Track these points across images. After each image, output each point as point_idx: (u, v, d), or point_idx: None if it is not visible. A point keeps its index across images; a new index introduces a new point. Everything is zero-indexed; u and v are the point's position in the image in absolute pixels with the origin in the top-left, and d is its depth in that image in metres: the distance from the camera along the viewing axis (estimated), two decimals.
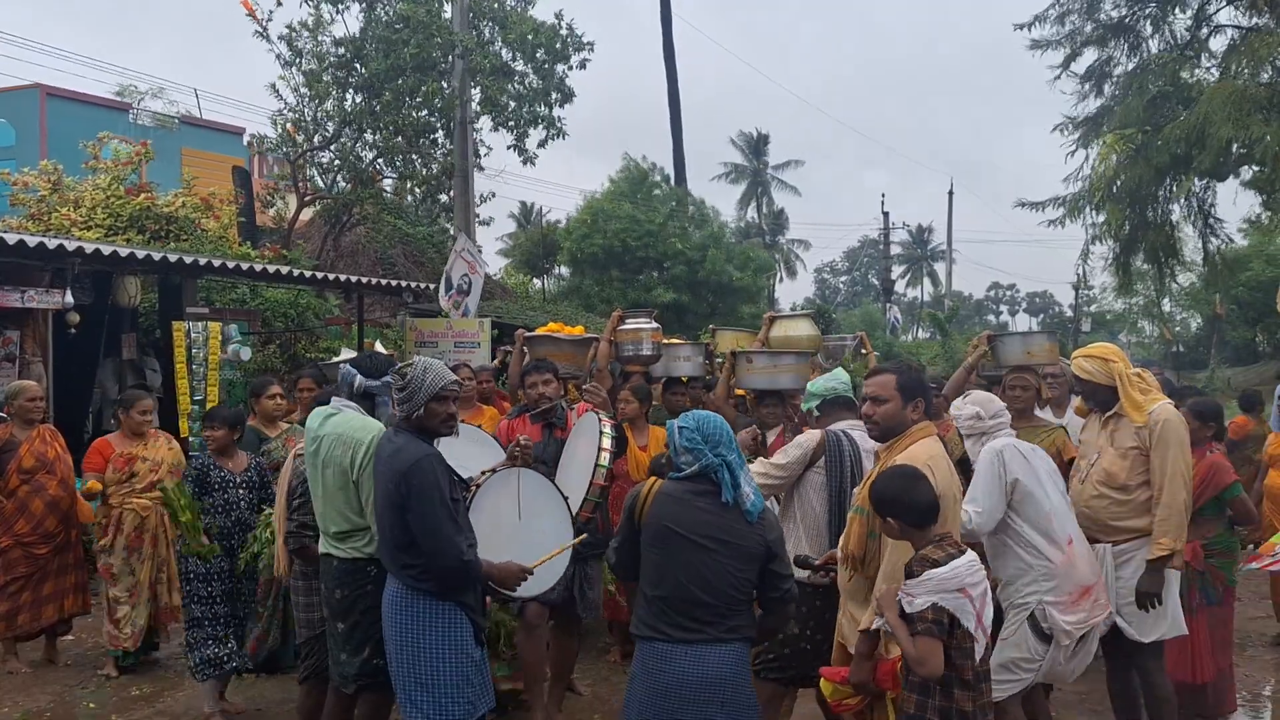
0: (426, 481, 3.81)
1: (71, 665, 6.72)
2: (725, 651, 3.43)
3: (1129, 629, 4.67)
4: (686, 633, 3.42)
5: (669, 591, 3.46)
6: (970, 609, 3.26)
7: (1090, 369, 4.82)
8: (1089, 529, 4.68)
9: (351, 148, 15.69)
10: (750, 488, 3.51)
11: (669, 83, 29.56)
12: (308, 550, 4.57)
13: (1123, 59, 19.90)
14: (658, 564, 3.51)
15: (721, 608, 3.43)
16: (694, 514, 3.47)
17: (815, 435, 4.49)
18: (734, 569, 3.44)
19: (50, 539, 6.57)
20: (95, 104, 20.40)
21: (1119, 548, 4.70)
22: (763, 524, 3.52)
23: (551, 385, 5.57)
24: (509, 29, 16.46)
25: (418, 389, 3.96)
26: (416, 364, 4.02)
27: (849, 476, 4.37)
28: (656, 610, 3.48)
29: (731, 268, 25.24)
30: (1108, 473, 4.73)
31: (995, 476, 4.44)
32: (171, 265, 9.65)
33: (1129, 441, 4.70)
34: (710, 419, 3.59)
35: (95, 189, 13.99)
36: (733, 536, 3.45)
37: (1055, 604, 4.38)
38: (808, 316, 7.93)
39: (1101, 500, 4.73)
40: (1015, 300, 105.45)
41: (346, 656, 4.23)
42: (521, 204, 45.67)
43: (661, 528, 3.50)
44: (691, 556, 3.44)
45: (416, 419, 3.98)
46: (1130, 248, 20.73)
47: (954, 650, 3.26)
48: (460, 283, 13.51)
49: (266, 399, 6.52)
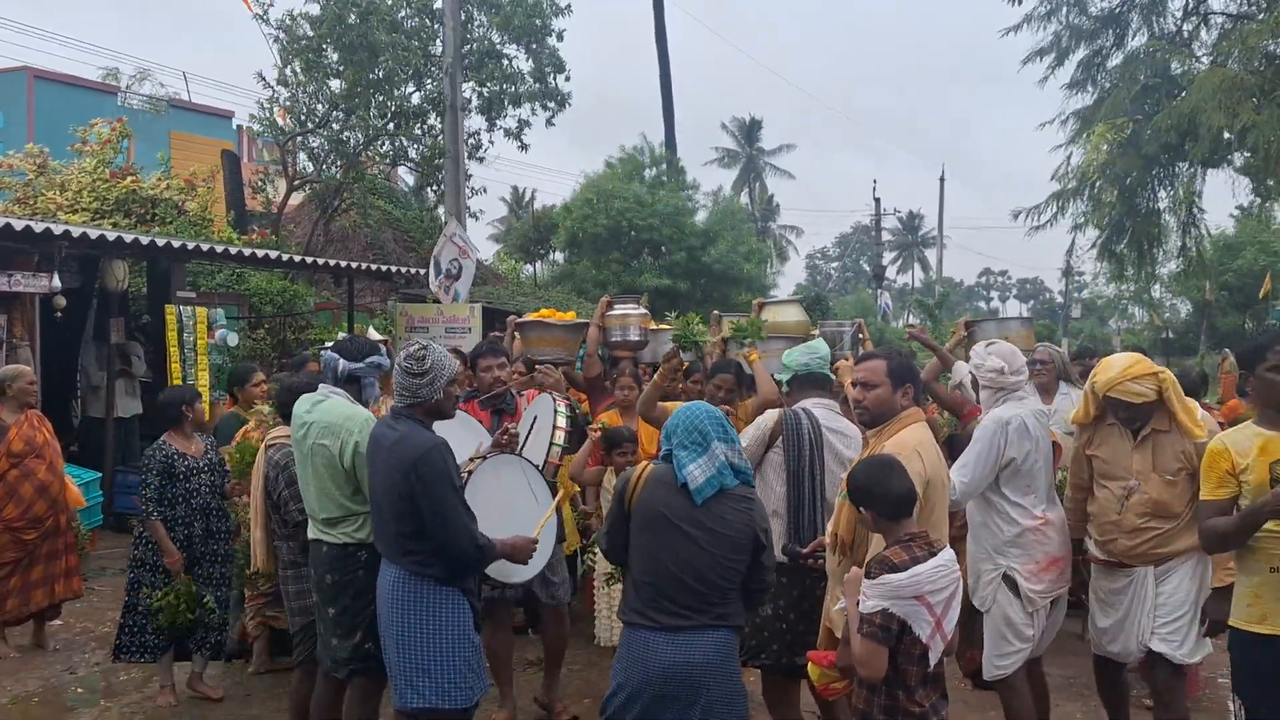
0: (439, 471, 3.83)
1: (60, 650, 6.70)
2: (713, 639, 3.43)
3: (1174, 652, 4.30)
4: (675, 619, 3.41)
5: (657, 578, 3.45)
6: (926, 616, 3.17)
7: (1144, 389, 4.28)
8: (1128, 560, 4.38)
9: (340, 131, 15.64)
10: (702, 470, 3.45)
11: (660, 66, 29.48)
12: None
13: (1113, 50, 19.84)
14: (648, 550, 3.49)
15: (711, 595, 3.43)
16: (683, 501, 3.46)
17: (772, 415, 4.47)
18: (724, 558, 3.43)
19: (39, 524, 6.53)
20: (83, 86, 20.25)
21: (1161, 566, 4.36)
22: (751, 513, 3.51)
23: (505, 369, 5.57)
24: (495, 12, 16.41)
25: (439, 374, 3.98)
26: (432, 350, 4.02)
27: (809, 455, 4.33)
28: (646, 597, 3.47)
29: (738, 256, 25.08)
30: (1158, 503, 4.29)
31: (992, 448, 4.44)
32: (160, 249, 9.59)
33: (1175, 463, 4.28)
34: (686, 410, 3.61)
35: (81, 172, 13.91)
36: (719, 525, 3.44)
37: (1021, 571, 4.45)
38: (797, 302, 7.91)
39: (1148, 532, 4.32)
40: (1006, 286, 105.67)
41: (337, 641, 4.23)
42: (513, 189, 45.58)
43: (653, 513, 3.49)
44: (682, 543, 3.42)
45: (434, 404, 4.00)
46: (1117, 236, 20.77)
47: (900, 655, 3.19)
48: (449, 267, 13.44)
49: (252, 386, 6.52)
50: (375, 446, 4.02)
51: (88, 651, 6.66)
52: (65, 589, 6.76)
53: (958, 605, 3.30)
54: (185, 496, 5.62)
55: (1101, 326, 58.96)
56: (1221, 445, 3.66)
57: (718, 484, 3.46)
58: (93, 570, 8.27)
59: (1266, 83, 15.15)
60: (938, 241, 55.01)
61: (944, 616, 3.22)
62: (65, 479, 6.83)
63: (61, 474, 6.74)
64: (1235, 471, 3.58)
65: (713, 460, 3.47)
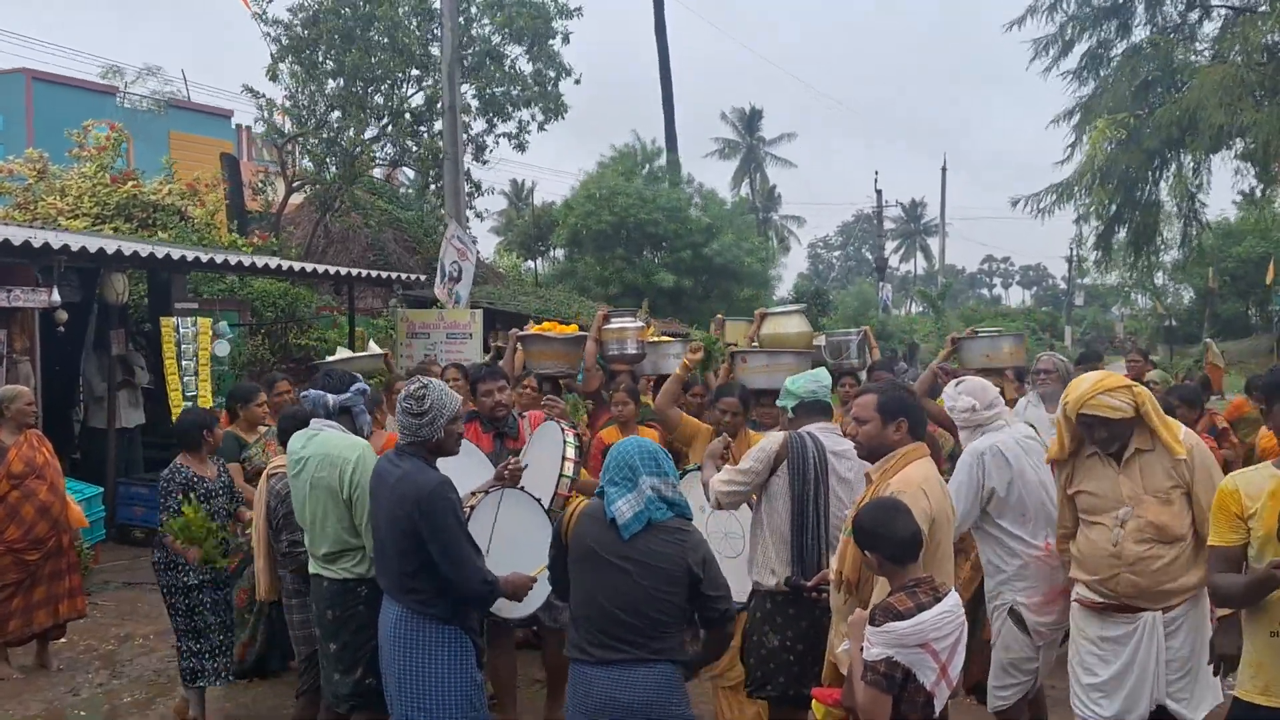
0: (443, 509, 3.82)
1: (64, 670, 6.69)
2: (649, 673, 3.43)
3: (1182, 710, 3.99)
4: (608, 652, 3.44)
5: (593, 612, 3.50)
6: (931, 664, 3.14)
7: (1119, 403, 3.93)
8: (1134, 599, 3.97)
9: (340, 131, 15.61)
10: (629, 506, 3.48)
11: (660, 62, 29.42)
12: (306, 566, 4.54)
13: (1116, 42, 19.80)
14: (582, 585, 3.56)
15: (645, 629, 3.43)
16: (613, 536, 3.48)
17: (777, 439, 4.44)
18: (656, 590, 3.43)
19: (41, 544, 6.52)
20: (83, 88, 20.18)
21: (1169, 615, 3.96)
22: (683, 545, 3.49)
23: (505, 392, 5.55)
24: (497, 11, 16.35)
25: (440, 413, 3.95)
26: (431, 388, 3.99)
27: (813, 479, 4.32)
28: (583, 631, 3.52)
29: (742, 251, 25.00)
30: (1158, 526, 3.91)
31: (972, 482, 4.43)
32: (159, 261, 9.56)
33: (1166, 481, 3.94)
34: (621, 446, 3.63)
35: (81, 177, 13.87)
36: (650, 558, 3.44)
37: (1027, 605, 4.41)
38: (799, 312, 7.86)
39: (1153, 561, 3.92)
40: (1009, 273, 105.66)
41: (339, 676, 4.23)
42: (513, 182, 45.49)
43: (585, 548, 3.54)
44: (611, 577, 3.45)
45: (436, 442, 3.98)
46: (1116, 227, 20.77)
47: (904, 703, 3.17)
48: (450, 269, 13.44)
49: (256, 406, 6.45)
50: (379, 483, 4.01)
51: (91, 671, 6.65)
52: (69, 609, 6.75)
53: (963, 650, 3.27)
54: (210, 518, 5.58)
55: (1105, 314, 58.98)
56: (1232, 485, 3.38)
57: (645, 518, 3.48)
58: (96, 585, 8.27)
59: (1267, 79, 15.08)
60: (940, 230, 55.01)
61: (949, 663, 3.19)
62: (67, 498, 6.82)
63: (63, 494, 6.73)
64: (1244, 515, 3.30)
65: (640, 496, 3.50)
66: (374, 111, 15.18)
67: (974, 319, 38.93)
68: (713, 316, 10.51)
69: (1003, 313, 51.52)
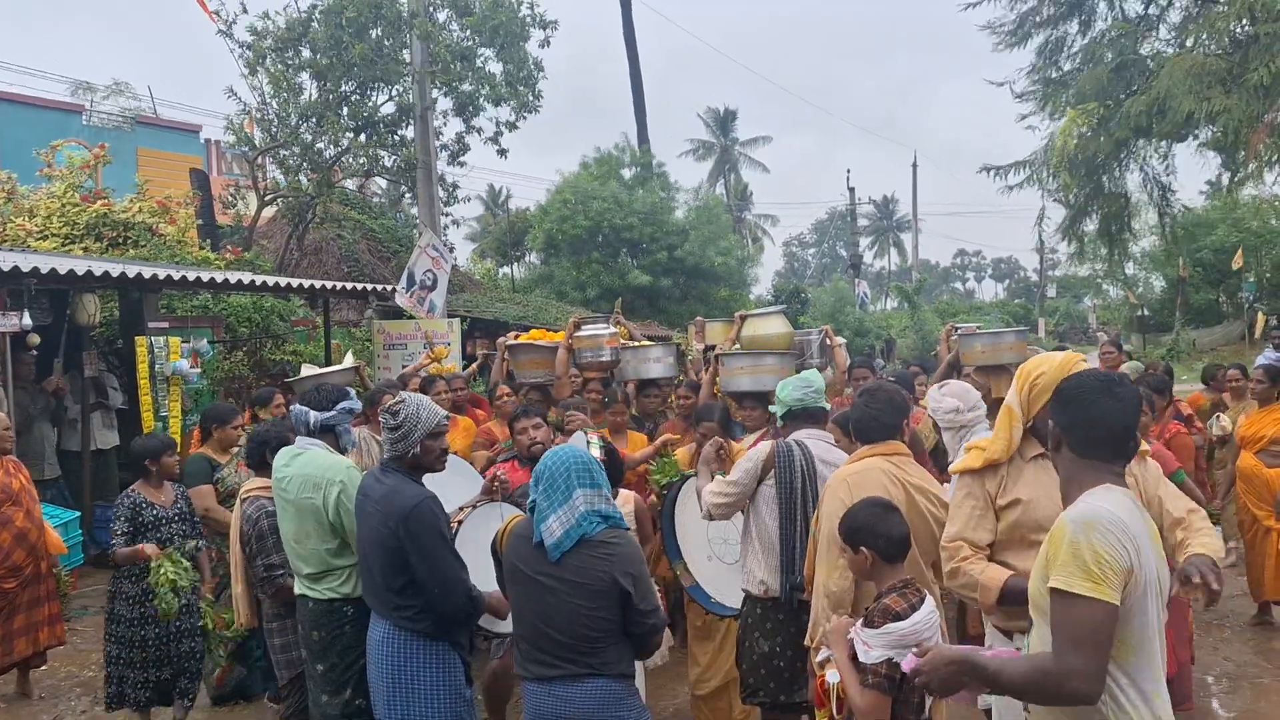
0: (427, 524, 3.78)
1: (46, 698, 6.61)
2: (590, 687, 3.38)
3: None
4: (545, 669, 3.41)
5: (527, 630, 3.48)
6: None
7: None
8: None
9: (312, 143, 15.48)
10: (560, 523, 3.39)
11: (630, 65, 29.42)
12: (283, 590, 4.49)
13: (1076, 36, 19.95)
14: (515, 603, 3.54)
15: (579, 645, 3.38)
16: (540, 555, 3.42)
17: (765, 448, 4.44)
18: (584, 607, 3.36)
19: (18, 572, 6.41)
20: (48, 107, 19.95)
21: None
22: (612, 560, 3.38)
23: (542, 430, 5.47)
24: (469, 14, 16.24)
25: (413, 428, 3.89)
26: (408, 402, 3.94)
27: (800, 487, 4.31)
28: (522, 648, 3.51)
29: (713, 252, 25.02)
30: None
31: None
32: (131, 281, 9.45)
33: None
34: (552, 456, 3.54)
35: (50, 197, 13.69)
36: (579, 575, 3.37)
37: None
38: (779, 313, 7.85)
39: None
40: (981, 267, 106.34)
41: (327, 698, 4.17)
42: (490, 186, 45.40)
43: (511, 567, 3.52)
44: (541, 596, 3.41)
45: (412, 458, 3.92)
46: (1084, 216, 20.94)
47: (900, 704, 3.18)
48: (424, 278, 13.36)
49: (231, 428, 6.36)
50: (363, 499, 3.97)
51: (73, 699, 6.57)
52: (49, 636, 6.64)
53: None
54: (160, 546, 5.48)
55: (1077, 304, 59.36)
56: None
57: (576, 535, 3.38)
58: (75, 610, 8.16)
59: (1235, 66, 15.22)
60: (913, 226, 55.29)
61: None
62: (44, 525, 6.71)
63: (40, 520, 6.62)
64: None
65: (572, 510, 3.40)
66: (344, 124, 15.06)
67: (949, 313, 39.19)
68: (691, 318, 10.51)
69: (976, 306, 51.78)
